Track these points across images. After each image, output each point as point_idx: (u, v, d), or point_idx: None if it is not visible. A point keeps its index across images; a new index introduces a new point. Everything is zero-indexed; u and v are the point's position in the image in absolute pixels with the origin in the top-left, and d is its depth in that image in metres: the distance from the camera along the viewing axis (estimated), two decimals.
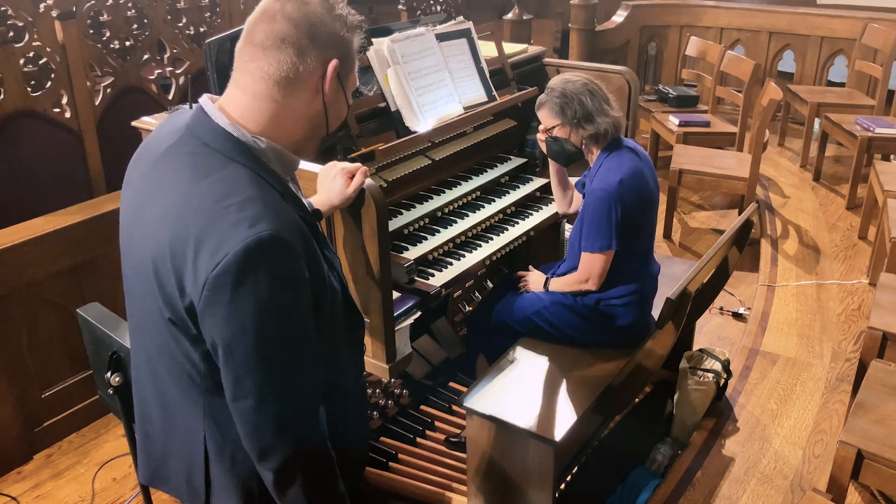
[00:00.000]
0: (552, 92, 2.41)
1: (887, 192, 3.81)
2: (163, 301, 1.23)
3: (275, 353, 1.19)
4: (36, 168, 3.26)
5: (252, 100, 1.25)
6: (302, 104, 1.27)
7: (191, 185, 1.20)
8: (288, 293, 1.18)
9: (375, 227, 1.80)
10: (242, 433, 1.23)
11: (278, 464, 1.23)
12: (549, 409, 2.18)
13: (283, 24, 1.21)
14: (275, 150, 1.27)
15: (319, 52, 1.24)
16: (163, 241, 1.19)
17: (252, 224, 1.14)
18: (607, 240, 2.31)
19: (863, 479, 2.14)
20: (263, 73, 1.23)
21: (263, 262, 1.14)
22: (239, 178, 1.20)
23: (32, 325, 2.74)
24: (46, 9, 3.17)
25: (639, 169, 2.36)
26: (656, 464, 2.66)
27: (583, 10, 5.95)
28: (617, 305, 2.41)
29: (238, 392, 1.20)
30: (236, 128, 1.24)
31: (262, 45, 1.22)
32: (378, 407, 2.75)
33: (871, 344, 2.61)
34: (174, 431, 1.38)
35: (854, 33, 5.76)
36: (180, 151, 1.25)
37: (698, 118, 4.97)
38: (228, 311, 1.14)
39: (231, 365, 1.19)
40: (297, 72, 1.23)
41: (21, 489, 2.68)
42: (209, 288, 1.14)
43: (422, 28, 2.61)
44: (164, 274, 1.20)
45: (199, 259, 1.14)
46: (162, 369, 1.34)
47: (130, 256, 1.32)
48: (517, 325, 2.52)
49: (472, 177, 2.80)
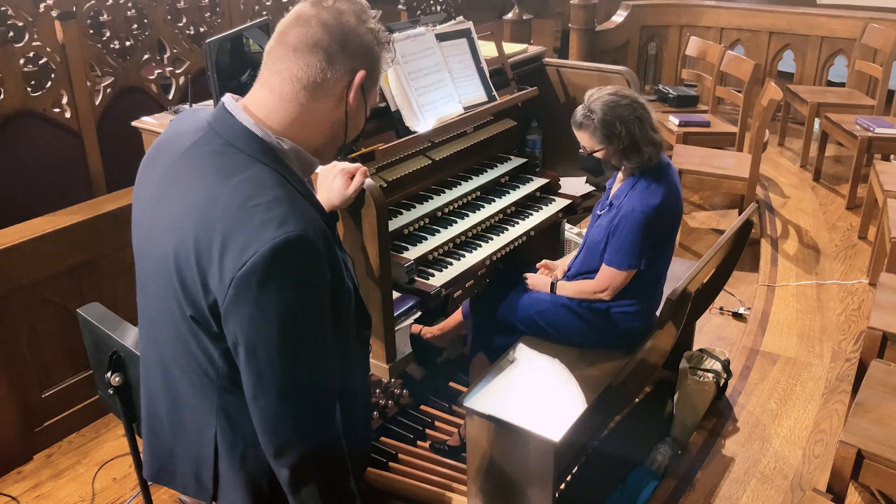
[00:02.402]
0: (595, 115, 2.29)
1: (887, 192, 3.81)
2: (184, 298, 1.24)
3: (298, 353, 1.20)
4: (36, 168, 3.26)
5: (278, 101, 1.26)
6: (325, 110, 1.28)
7: (216, 184, 1.21)
8: (313, 293, 1.20)
9: (375, 227, 1.80)
10: (261, 430, 1.24)
11: (294, 461, 1.24)
12: (549, 409, 2.18)
13: (317, 29, 1.23)
14: (296, 152, 1.28)
15: (348, 60, 1.26)
16: (187, 239, 1.20)
17: (280, 224, 1.15)
18: (637, 259, 2.30)
19: (863, 479, 2.14)
20: (292, 74, 1.25)
21: (290, 262, 1.16)
22: (264, 178, 1.21)
23: (32, 325, 2.74)
24: (46, 9, 3.17)
25: (675, 187, 2.35)
26: (656, 464, 2.65)
27: (583, 10, 5.95)
28: (628, 314, 2.40)
29: (259, 390, 1.21)
30: (260, 128, 1.26)
31: (295, 47, 1.24)
32: (378, 407, 2.75)
33: (871, 344, 2.61)
34: (184, 428, 1.39)
35: (854, 33, 5.76)
36: (204, 150, 1.26)
37: (698, 118, 4.97)
38: (254, 309, 1.16)
39: (254, 363, 1.20)
40: (325, 77, 1.25)
41: (21, 489, 2.68)
42: (235, 286, 1.15)
43: (422, 28, 2.60)
44: (187, 271, 1.21)
45: (226, 257, 1.15)
46: (175, 367, 1.35)
47: (149, 253, 1.32)
48: (519, 324, 2.52)
49: (472, 177, 2.80)
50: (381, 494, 2.48)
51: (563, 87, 3.09)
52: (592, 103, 2.32)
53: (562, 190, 3.00)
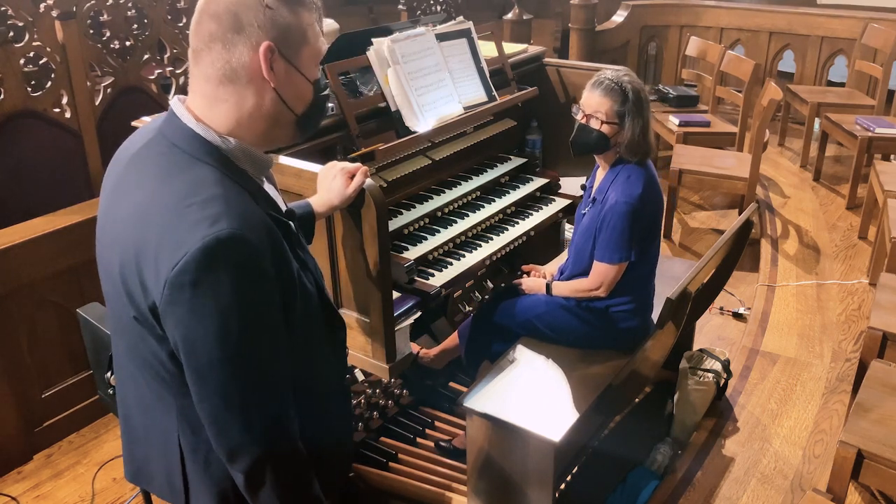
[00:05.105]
0: (627, 88, 2.28)
1: (887, 192, 3.81)
2: (128, 300, 1.23)
3: (238, 352, 1.17)
4: (36, 168, 3.26)
5: (207, 101, 1.25)
6: (253, 96, 1.24)
7: (157, 186, 1.20)
8: (249, 292, 1.16)
9: (375, 227, 1.80)
10: (210, 434, 1.23)
11: (247, 465, 1.22)
12: (549, 409, 2.18)
13: (208, 22, 1.20)
14: (244, 151, 1.26)
15: (247, 39, 1.20)
16: (128, 241, 1.20)
17: (212, 223, 1.13)
18: (626, 251, 2.31)
19: (863, 479, 2.14)
20: (204, 75, 1.23)
21: (223, 260, 1.13)
22: (204, 177, 1.19)
23: (32, 325, 2.74)
24: (46, 9, 3.17)
25: (654, 177, 2.37)
26: (656, 464, 2.65)
27: (583, 10, 5.95)
28: (625, 311, 2.41)
29: (203, 392, 1.19)
30: (204, 128, 1.24)
31: (196, 48, 1.22)
32: (378, 407, 2.75)
33: (871, 344, 2.61)
34: (153, 432, 1.38)
35: (854, 33, 5.76)
36: (150, 152, 1.26)
37: (698, 118, 4.97)
38: (189, 310, 1.14)
39: (194, 365, 1.18)
40: (231, 66, 1.21)
41: (21, 489, 2.68)
42: (169, 287, 1.13)
43: (422, 28, 2.60)
44: (128, 273, 1.20)
45: (160, 258, 1.14)
46: (136, 370, 1.34)
47: (102, 257, 1.33)
48: (517, 328, 2.51)
49: (472, 177, 2.80)
50: (381, 494, 2.48)
51: (563, 87, 3.09)
52: (621, 77, 2.29)
53: (562, 190, 3.01)
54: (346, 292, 1.99)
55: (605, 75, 2.32)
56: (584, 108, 2.34)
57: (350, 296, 1.98)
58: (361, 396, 2.72)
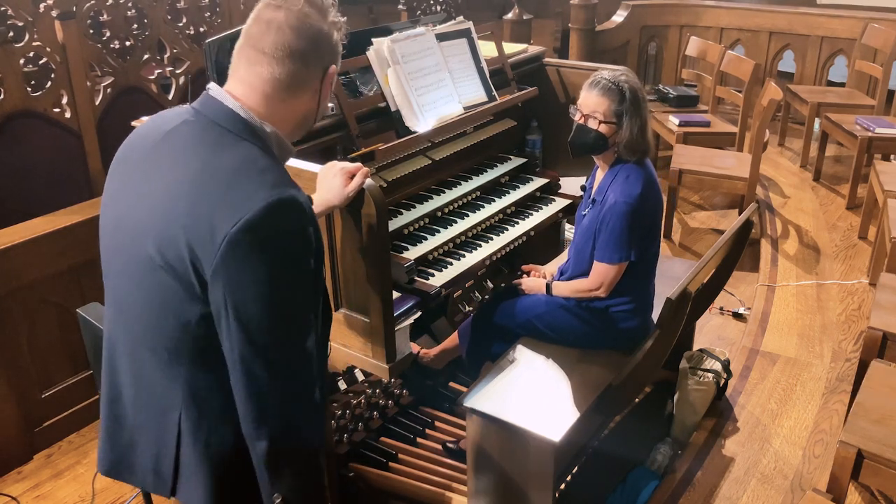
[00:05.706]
0: (624, 87, 2.27)
1: (887, 192, 3.81)
2: (162, 266, 1.23)
3: (287, 314, 1.21)
4: (36, 168, 3.26)
5: (260, 97, 1.32)
6: (302, 103, 1.37)
7: (209, 156, 1.25)
8: (302, 258, 1.22)
9: (375, 227, 1.80)
10: (244, 395, 1.22)
11: (275, 432, 1.23)
12: (549, 410, 2.17)
13: (290, 36, 1.30)
14: (277, 137, 1.34)
15: (320, 59, 1.35)
16: (172, 211, 1.22)
17: (273, 186, 1.20)
18: (626, 251, 2.30)
19: (863, 479, 2.14)
20: (274, 78, 1.31)
21: (284, 221, 1.19)
22: (254, 152, 1.26)
23: (32, 325, 2.74)
24: (46, 9, 3.18)
25: (653, 176, 2.37)
26: (656, 464, 2.65)
27: (583, 10, 5.95)
28: (625, 311, 2.41)
29: (247, 353, 1.20)
30: (245, 111, 1.30)
31: (273, 54, 1.30)
32: (378, 407, 2.75)
33: (871, 344, 2.61)
34: (148, 412, 1.37)
35: (854, 33, 5.76)
36: (192, 129, 1.30)
37: (698, 118, 4.97)
38: (244, 269, 1.17)
39: (242, 326, 1.19)
40: (303, 78, 1.34)
41: (21, 489, 2.68)
42: (227, 244, 1.16)
43: (422, 28, 2.60)
44: (170, 240, 1.22)
45: (218, 218, 1.17)
46: (143, 348, 1.33)
47: (121, 232, 1.33)
48: (517, 328, 2.51)
49: (472, 177, 2.80)
50: (381, 494, 2.48)
51: (563, 87, 3.09)
52: (618, 77, 2.30)
53: (562, 190, 3.01)
54: (346, 292, 1.99)
55: (602, 75, 2.32)
56: (581, 108, 2.35)
57: (350, 296, 1.98)
58: (361, 396, 2.72)
